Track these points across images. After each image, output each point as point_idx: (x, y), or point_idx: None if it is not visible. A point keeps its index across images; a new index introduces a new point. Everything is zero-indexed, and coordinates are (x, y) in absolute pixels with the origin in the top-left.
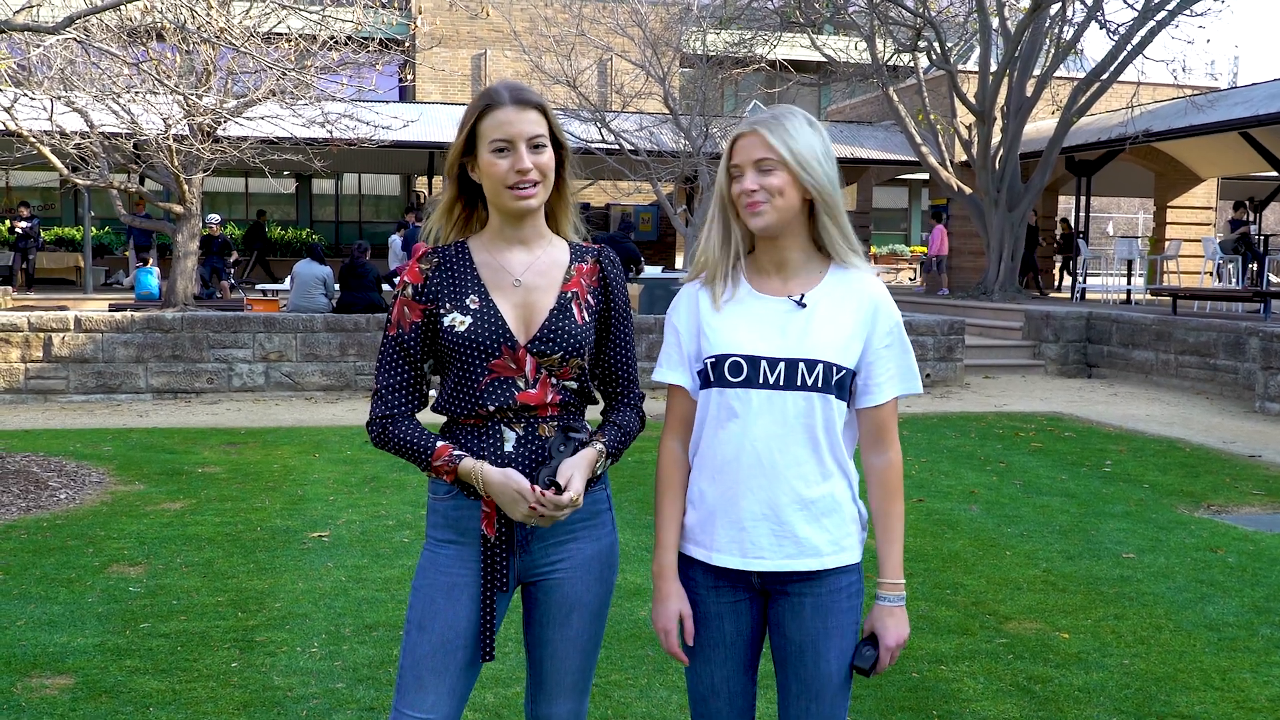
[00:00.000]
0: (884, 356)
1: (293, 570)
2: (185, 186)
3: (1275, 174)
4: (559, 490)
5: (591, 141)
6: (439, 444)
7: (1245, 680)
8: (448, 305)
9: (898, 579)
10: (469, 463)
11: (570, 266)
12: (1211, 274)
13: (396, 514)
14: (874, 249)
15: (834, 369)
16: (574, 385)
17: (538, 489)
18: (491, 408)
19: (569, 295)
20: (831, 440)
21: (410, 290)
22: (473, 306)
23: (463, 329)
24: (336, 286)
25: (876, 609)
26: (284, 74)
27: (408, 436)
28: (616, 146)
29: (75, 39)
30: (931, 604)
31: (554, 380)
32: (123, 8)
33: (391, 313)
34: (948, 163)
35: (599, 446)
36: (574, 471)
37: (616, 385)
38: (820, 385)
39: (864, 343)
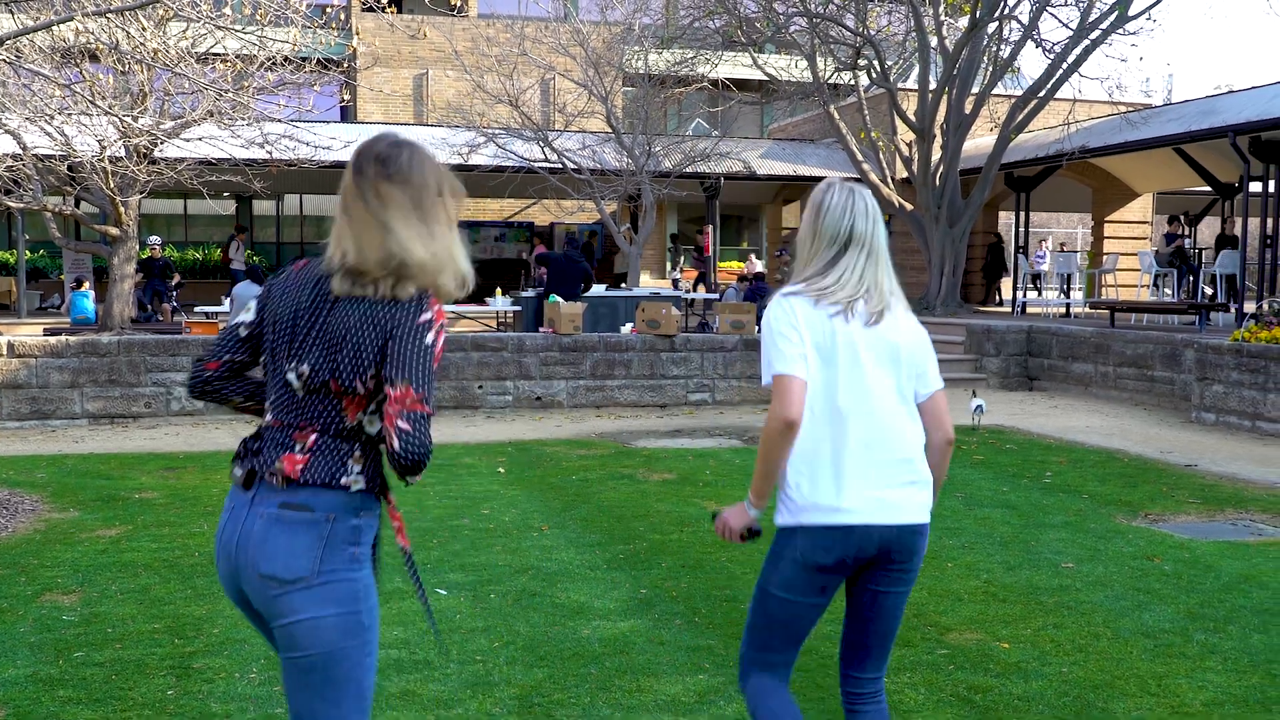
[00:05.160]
0: None
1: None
2: (121, 209)
3: (1208, 189)
4: None
5: (535, 160)
6: None
7: (1180, 686)
8: None
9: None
10: None
11: None
12: (1148, 287)
13: None
14: None
15: None
16: None
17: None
18: None
19: None
20: None
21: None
22: None
23: None
24: None
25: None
26: (221, 95)
27: None
28: (560, 165)
29: (5, 60)
30: None
31: None
32: (55, 28)
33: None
34: (889, 180)
35: None
36: None
37: None
38: None
39: None
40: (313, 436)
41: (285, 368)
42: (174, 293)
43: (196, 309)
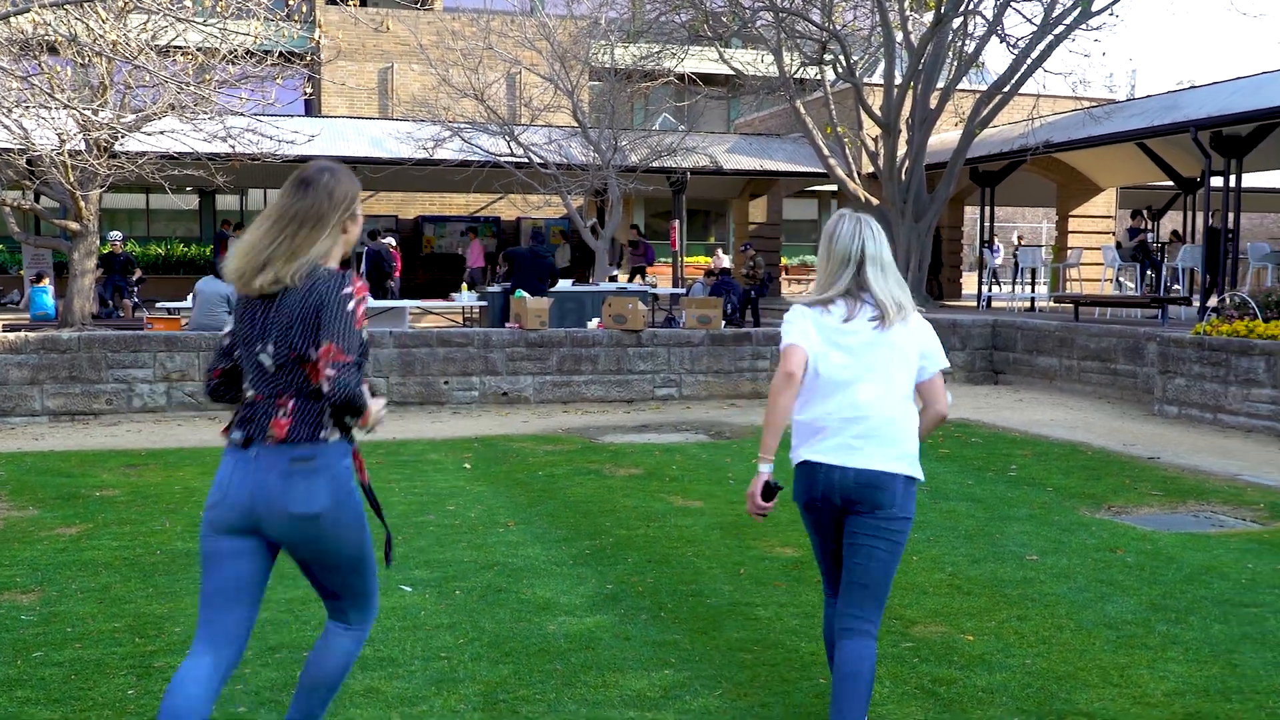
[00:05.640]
0: None
1: (194, 594)
2: (82, 203)
3: (1171, 183)
4: None
5: (500, 155)
6: None
7: (1142, 676)
8: None
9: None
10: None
11: None
12: (1112, 281)
13: None
14: (784, 260)
15: None
16: None
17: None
18: None
19: None
20: None
21: None
22: None
23: None
24: None
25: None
26: (182, 88)
27: None
28: (526, 160)
29: None
30: None
31: None
32: (11, 20)
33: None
34: (855, 174)
35: None
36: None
37: None
38: None
39: None
40: (291, 402)
41: (256, 351)
42: (135, 288)
43: (158, 305)
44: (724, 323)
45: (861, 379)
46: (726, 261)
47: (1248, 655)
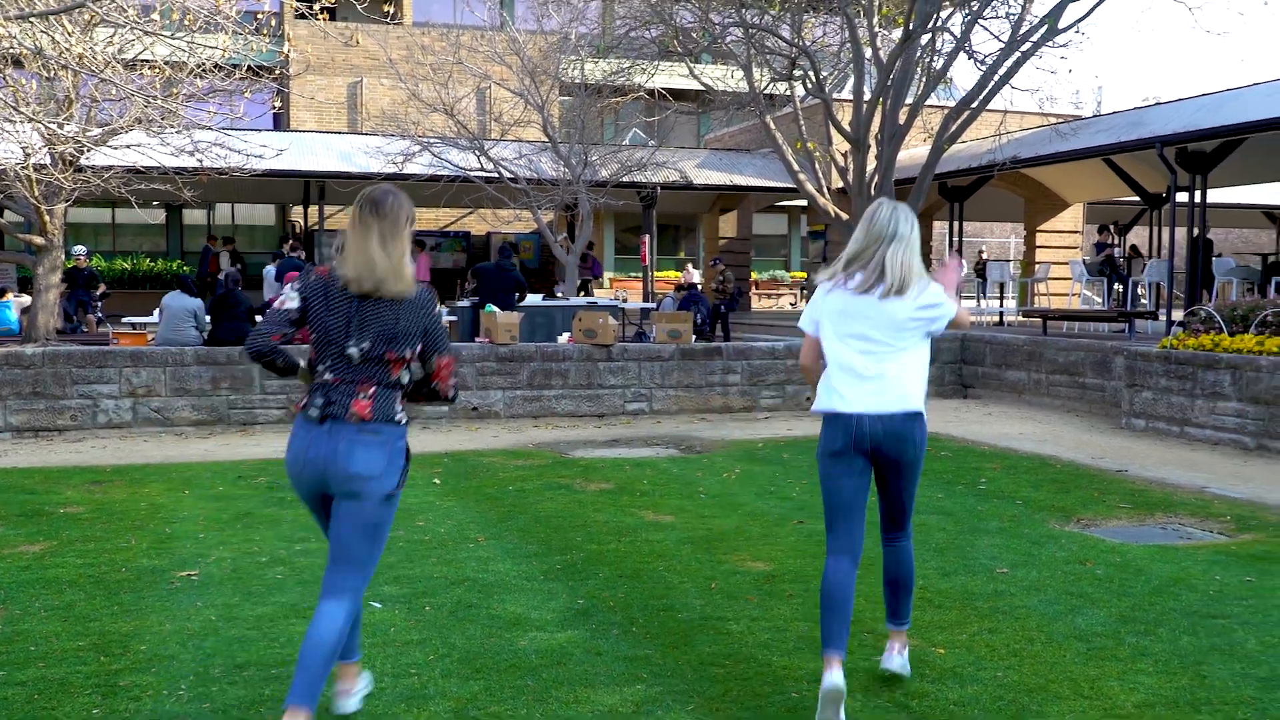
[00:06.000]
0: None
1: (159, 611)
2: (46, 218)
3: (1137, 199)
4: None
5: (471, 170)
6: None
7: (1113, 688)
8: None
9: None
10: None
11: None
12: (1079, 295)
13: (270, 550)
14: (754, 275)
15: None
16: None
17: None
18: None
19: None
20: None
21: None
22: None
23: None
24: (208, 319)
25: None
26: (149, 102)
27: None
28: (496, 175)
29: None
30: (810, 624)
31: None
32: None
33: None
34: (825, 189)
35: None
36: None
37: None
38: None
39: None
40: (372, 389)
41: (346, 345)
42: (99, 303)
43: (124, 320)
44: (694, 337)
45: (868, 344)
46: (697, 276)
47: (1216, 667)
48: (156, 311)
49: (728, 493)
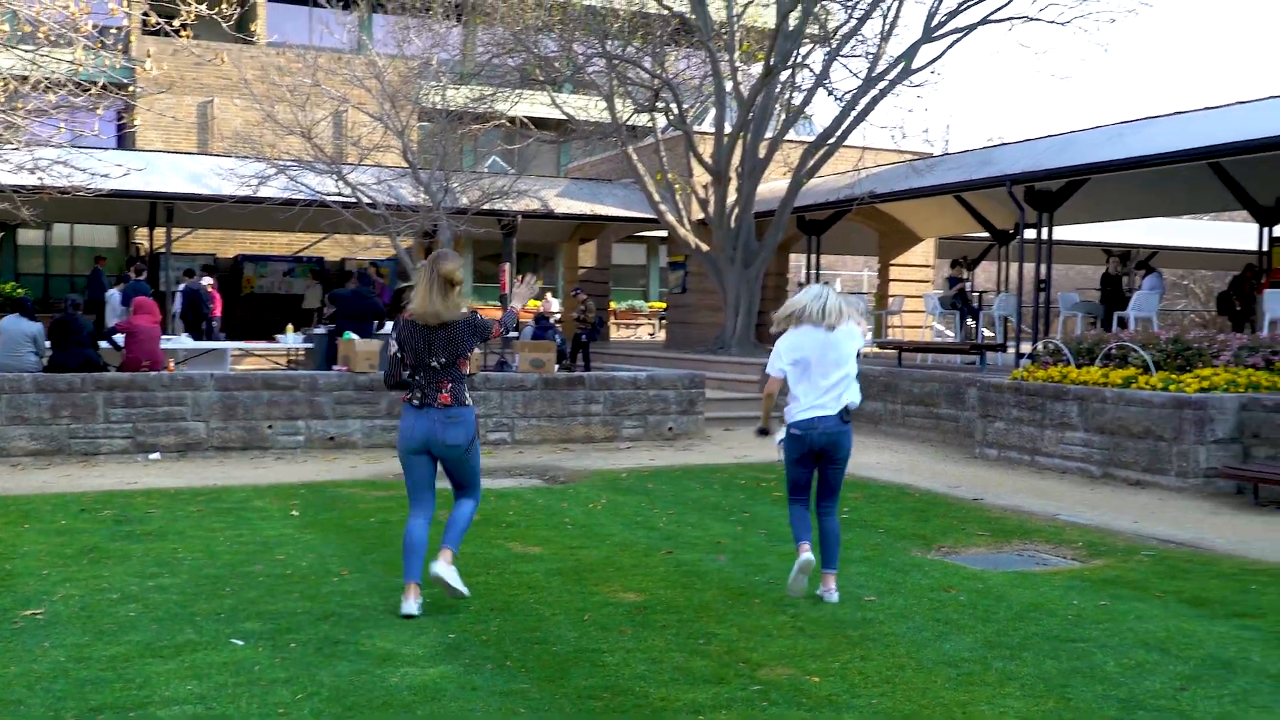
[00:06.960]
0: None
1: (2, 653)
2: None
3: (986, 234)
4: None
5: (327, 194)
6: None
7: (984, 712)
8: None
9: None
10: None
11: None
12: (931, 328)
13: (120, 586)
14: (613, 304)
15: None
16: None
17: None
18: None
19: None
20: None
21: None
22: None
23: None
24: (48, 344)
25: None
26: None
27: None
28: (354, 200)
29: None
30: (685, 654)
31: None
32: None
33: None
34: (685, 221)
35: None
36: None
37: None
38: None
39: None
40: (450, 384)
41: (429, 360)
42: None
43: None
44: (556, 367)
45: (824, 367)
46: (556, 305)
47: (1079, 689)
48: None
49: (595, 523)
